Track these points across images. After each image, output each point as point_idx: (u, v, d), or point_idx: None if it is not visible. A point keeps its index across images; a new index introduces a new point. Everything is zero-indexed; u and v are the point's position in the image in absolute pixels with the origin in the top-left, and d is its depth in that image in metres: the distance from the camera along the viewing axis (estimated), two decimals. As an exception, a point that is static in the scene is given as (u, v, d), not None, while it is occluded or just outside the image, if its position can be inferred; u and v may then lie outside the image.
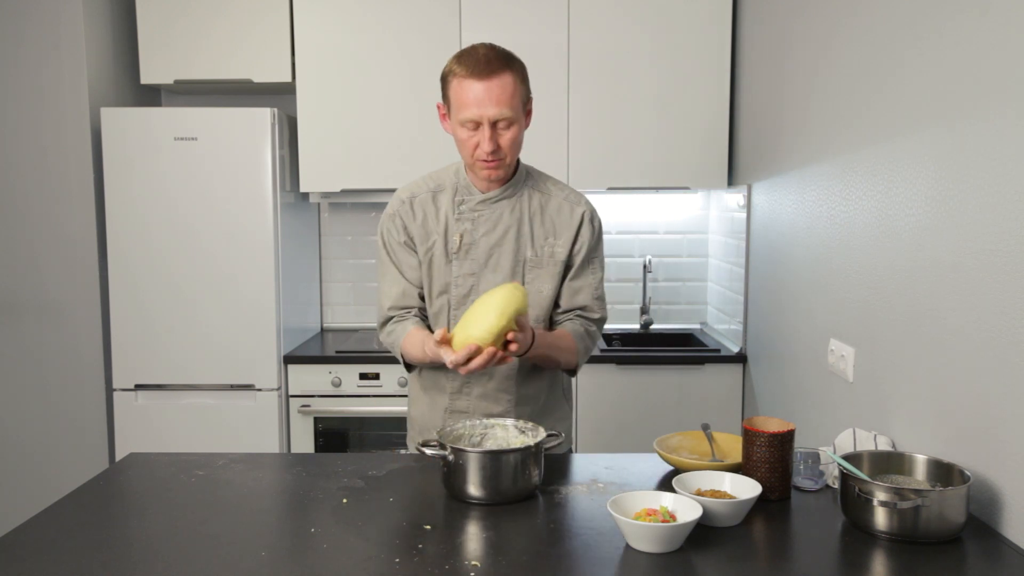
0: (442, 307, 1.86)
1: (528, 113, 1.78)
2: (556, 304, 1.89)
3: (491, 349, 1.59)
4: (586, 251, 1.86)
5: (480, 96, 1.66)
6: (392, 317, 1.88)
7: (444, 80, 1.74)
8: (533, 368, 1.88)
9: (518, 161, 1.84)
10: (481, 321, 1.59)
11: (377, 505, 1.52)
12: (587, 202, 1.89)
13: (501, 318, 1.58)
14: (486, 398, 1.87)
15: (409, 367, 1.93)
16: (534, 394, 1.91)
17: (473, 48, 1.71)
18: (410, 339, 1.81)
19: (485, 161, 1.72)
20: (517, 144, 1.74)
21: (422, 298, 1.89)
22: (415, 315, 1.88)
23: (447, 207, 1.83)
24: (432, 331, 1.81)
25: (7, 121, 3.11)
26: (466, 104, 1.68)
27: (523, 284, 1.84)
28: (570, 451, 2.00)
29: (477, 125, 1.69)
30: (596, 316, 1.90)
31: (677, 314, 3.66)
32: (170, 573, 1.26)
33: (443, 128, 1.81)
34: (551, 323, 1.90)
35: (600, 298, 1.90)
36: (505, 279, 1.82)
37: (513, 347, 1.62)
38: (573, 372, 1.95)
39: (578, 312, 1.88)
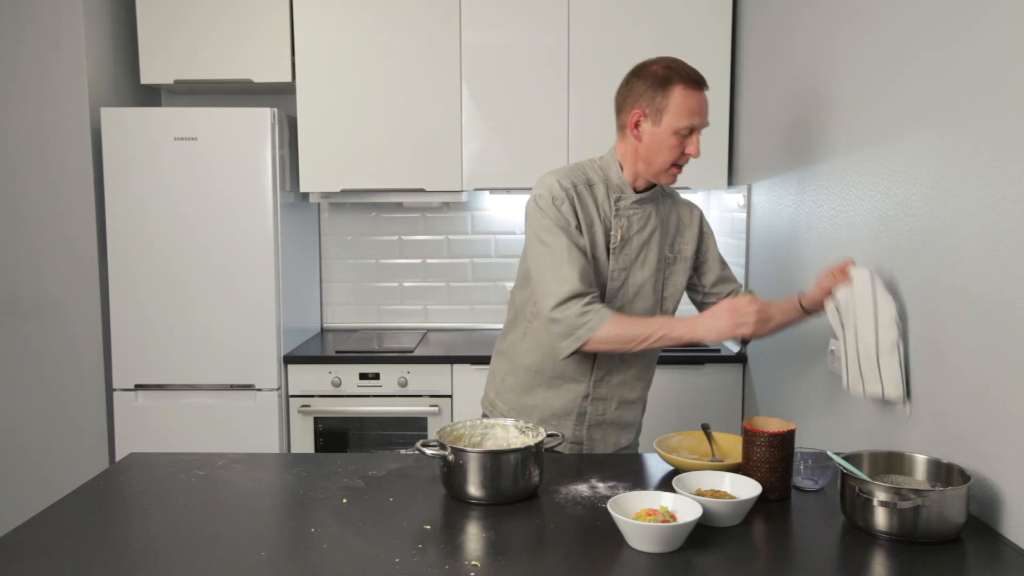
0: None
1: None
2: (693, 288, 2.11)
3: None
4: (710, 231, 2.09)
5: (703, 105, 1.83)
6: (586, 294, 1.80)
7: (661, 86, 1.81)
8: (655, 362, 2.08)
9: None
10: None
11: (377, 505, 1.52)
12: (697, 206, 2.10)
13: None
14: (623, 385, 1.98)
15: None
16: (651, 379, 2.08)
17: (680, 62, 1.85)
18: (626, 324, 1.79)
19: (676, 169, 1.86)
20: None
21: None
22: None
23: (604, 201, 1.89)
24: None
25: (7, 121, 3.11)
26: (691, 112, 1.80)
27: (663, 279, 1.99)
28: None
29: (691, 131, 1.82)
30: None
31: (677, 313, 3.65)
32: (170, 573, 1.26)
33: (633, 135, 1.86)
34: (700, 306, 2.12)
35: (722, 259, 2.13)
36: (651, 274, 1.94)
37: None
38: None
39: (727, 278, 2.11)
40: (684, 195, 3.65)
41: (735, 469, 1.57)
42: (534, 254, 1.85)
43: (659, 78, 1.81)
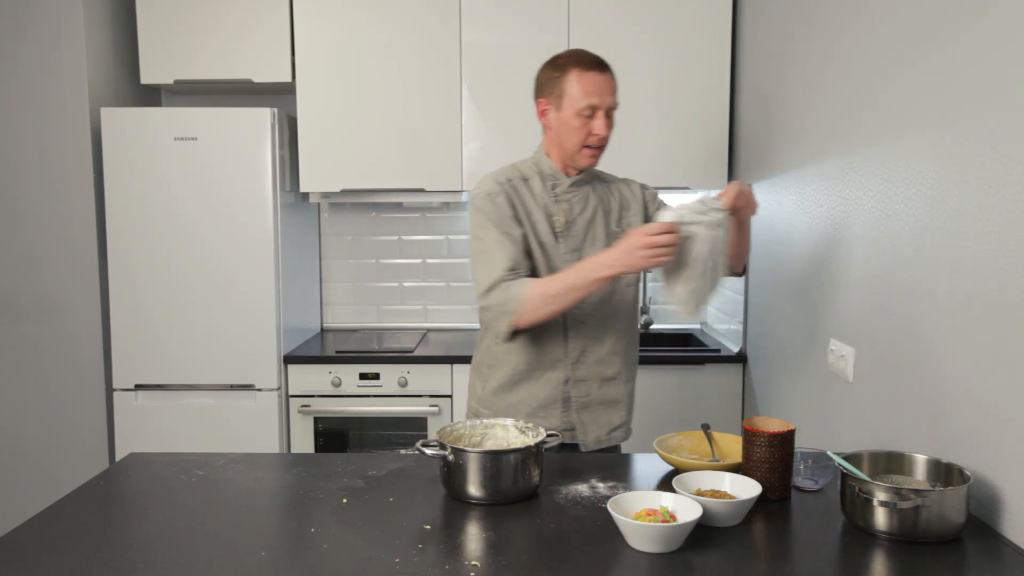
0: None
1: None
2: None
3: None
4: (658, 199, 2.10)
5: (601, 85, 1.87)
6: (506, 278, 1.86)
7: (559, 73, 1.90)
8: (632, 334, 2.07)
9: None
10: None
11: (377, 505, 1.52)
12: (636, 180, 2.12)
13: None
14: (601, 363, 1.99)
15: (511, 335, 1.89)
16: (633, 360, 2.07)
17: (577, 50, 1.93)
18: (546, 284, 1.84)
19: (591, 149, 1.91)
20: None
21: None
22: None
23: (540, 191, 1.97)
24: None
25: (7, 121, 3.11)
26: (588, 92, 1.87)
27: None
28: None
29: (594, 112, 1.88)
30: None
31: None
32: (170, 573, 1.26)
33: (541, 122, 1.98)
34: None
35: None
36: (603, 251, 1.91)
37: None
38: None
39: None
40: (684, 195, 3.66)
41: (735, 469, 1.57)
42: (471, 252, 1.95)
43: (557, 66, 1.91)
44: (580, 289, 1.81)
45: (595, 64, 1.89)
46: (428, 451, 1.56)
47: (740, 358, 3.06)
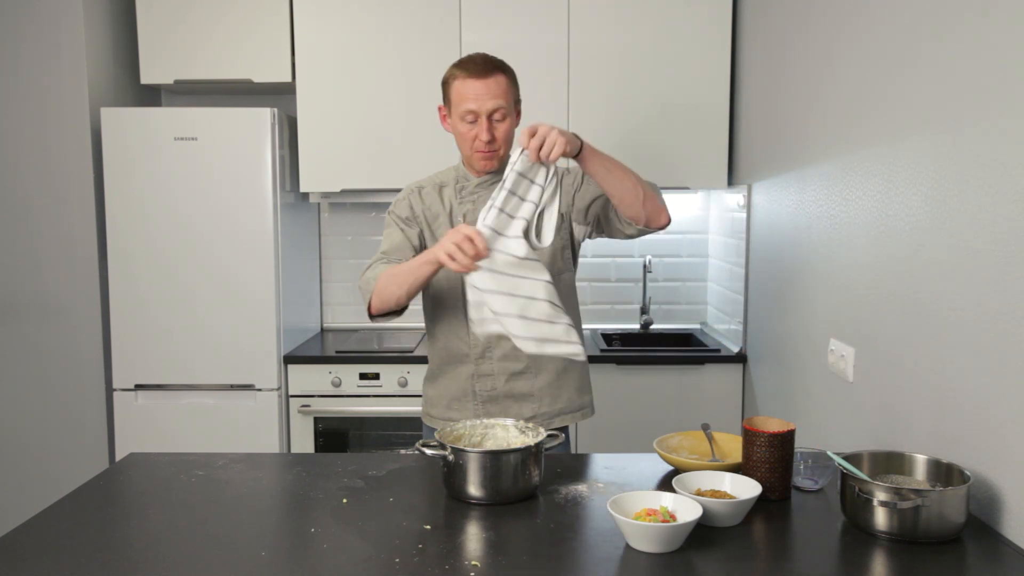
0: (455, 281, 1.99)
1: (518, 114, 1.98)
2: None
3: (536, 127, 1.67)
4: (579, 180, 2.01)
5: (479, 91, 1.89)
6: (377, 260, 2.00)
7: (446, 83, 1.96)
8: None
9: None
10: None
11: (377, 505, 1.52)
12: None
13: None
14: (507, 359, 2.00)
15: (373, 316, 2.03)
16: (547, 362, 2.02)
17: (469, 56, 1.95)
18: (394, 267, 1.92)
19: (482, 152, 1.93)
20: (509, 136, 1.95)
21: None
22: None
23: (450, 195, 2.04)
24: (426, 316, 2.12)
25: (7, 121, 3.11)
26: (467, 99, 1.89)
27: None
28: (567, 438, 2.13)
29: (476, 117, 1.90)
30: None
31: (677, 314, 3.66)
32: (170, 573, 1.26)
33: (444, 129, 2.02)
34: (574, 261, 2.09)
35: None
36: None
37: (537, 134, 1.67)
38: (666, 212, 1.92)
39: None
40: (682, 195, 3.66)
41: (735, 469, 1.57)
42: None
43: (445, 77, 1.96)
44: (411, 273, 1.85)
45: (477, 70, 1.88)
46: (428, 451, 1.56)
47: (740, 358, 3.06)
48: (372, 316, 2.02)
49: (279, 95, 3.58)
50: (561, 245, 2.02)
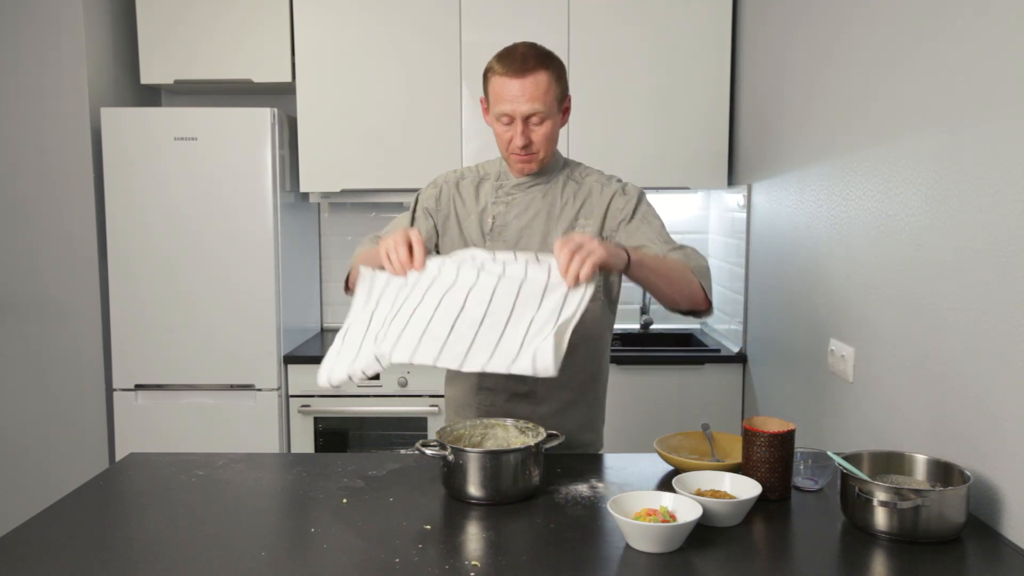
0: None
1: (565, 110, 1.84)
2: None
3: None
4: (629, 212, 1.85)
5: (515, 93, 1.74)
6: (370, 239, 1.92)
7: (485, 77, 1.82)
8: (587, 361, 1.92)
9: (558, 152, 1.91)
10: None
11: (377, 505, 1.52)
12: (619, 181, 1.91)
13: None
14: (513, 378, 1.78)
15: (348, 289, 1.93)
16: (565, 381, 1.84)
17: (513, 47, 1.79)
18: (371, 248, 1.82)
19: (518, 155, 1.81)
20: (550, 139, 1.81)
21: None
22: None
23: (487, 192, 1.92)
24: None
25: (7, 121, 3.11)
26: (502, 100, 1.76)
27: None
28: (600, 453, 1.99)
29: (511, 120, 1.77)
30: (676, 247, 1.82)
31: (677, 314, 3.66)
32: (170, 573, 1.26)
33: (485, 121, 1.88)
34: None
35: (669, 241, 1.82)
36: None
37: (569, 246, 1.51)
38: (708, 302, 1.79)
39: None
40: (682, 195, 3.66)
41: (735, 469, 1.57)
42: None
43: (485, 68, 1.81)
44: (372, 260, 1.74)
45: (515, 68, 1.73)
46: (428, 451, 1.56)
47: (740, 358, 3.06)
48: (348, 291, 1.90)
49: (279, 95, 3.58)
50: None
